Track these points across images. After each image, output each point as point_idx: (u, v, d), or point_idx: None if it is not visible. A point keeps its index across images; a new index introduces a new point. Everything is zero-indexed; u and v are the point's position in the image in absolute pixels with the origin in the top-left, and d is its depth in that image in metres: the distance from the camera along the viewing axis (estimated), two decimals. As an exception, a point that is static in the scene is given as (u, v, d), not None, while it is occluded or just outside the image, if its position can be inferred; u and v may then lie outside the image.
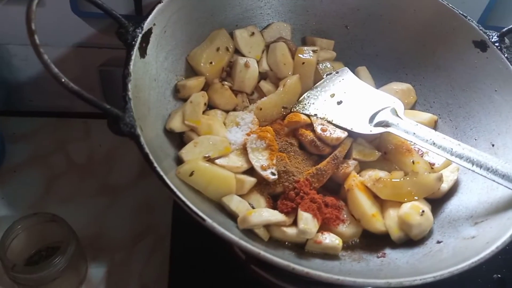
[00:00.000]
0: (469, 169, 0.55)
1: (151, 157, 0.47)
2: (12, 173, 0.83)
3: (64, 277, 0.67)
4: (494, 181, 0.54)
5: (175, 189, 0.46)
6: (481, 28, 0.67)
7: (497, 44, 0.66)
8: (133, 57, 0.54)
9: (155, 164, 0.47)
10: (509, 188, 0.53)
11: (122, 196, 0.83)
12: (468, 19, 0.68)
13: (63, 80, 0.43)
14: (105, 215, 0.80)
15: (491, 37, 0.66)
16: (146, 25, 0.57)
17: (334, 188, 0.64)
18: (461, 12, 0.69)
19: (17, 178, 0.82)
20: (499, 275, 0.72)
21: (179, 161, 0.59)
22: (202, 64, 0.67)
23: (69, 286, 0.70)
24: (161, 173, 0.46)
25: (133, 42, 0.55)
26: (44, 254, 0.72)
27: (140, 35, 0.56)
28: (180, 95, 0.65)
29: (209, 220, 0.45)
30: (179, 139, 0.63)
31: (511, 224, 0.50)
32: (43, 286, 0.66)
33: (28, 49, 0.82)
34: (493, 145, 0.64)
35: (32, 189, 0.81)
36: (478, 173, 0.55)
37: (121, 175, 0.86)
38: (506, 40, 0.66)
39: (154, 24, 0.58)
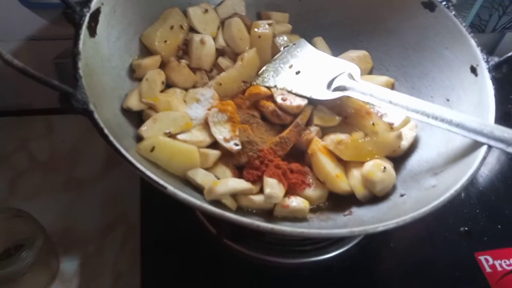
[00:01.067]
0: (426, 122, 0.57)
1: (106, 131, 0.46)
2: (-27, 175, 0.81)
3: (34, 272, 0.65)
4: (450, 130, 0.55)
5: (134, 161, 0.46)
6: (428, -12, 0.69)
7: (444, 3, 0.67)
8: (81, 36, 0.53)
9: (111, 138, 0.46)
10: (464, 136, 0.55)
11: (89, 189, 0.81)
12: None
13: (5, 56, 0.42)
14: (73, 209, 0.79)
15: (438, -4, 0.68)
16: (94, 5, 0.56)
17: (299, 155, 0.65)
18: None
19: (-21, 179, 0.80)
20: (465, 228, 0.74)
21: (140, 139, 0.58)
22: (156, 43, 0.66)
23: (40, 281, 0.69)
24: (118, 145, 0.46)
25: (81, 22, 0.54)
26: (13, 252, 0.70)
27: (88, 14, 0.55)
28: (136, 75, 0.64)
29: (170, 188, 0.45)
30: (138, 119, 0.62)
31: (467, 169, 0.52)
32: (12, 282, 0.64)
33: (-22, 46, 0.80)
34: (448, 100, 0.65)
35: (-5, 188, 0.79)
36: (435, 125, 0.56)
37: (87, 168, 0.84)
38: (453, -1, 0.68)
39: (102, 4, 0.58)
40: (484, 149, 0.53)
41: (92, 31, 0.55)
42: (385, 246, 0.71)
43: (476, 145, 0.55)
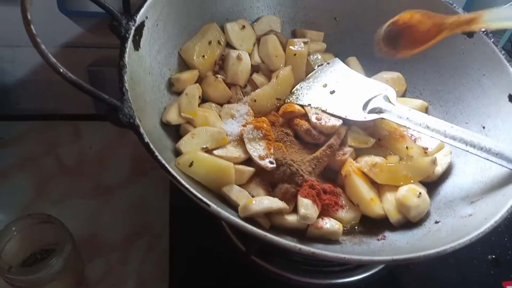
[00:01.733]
0: (463, 150, 0.57)
1: (151, 146, 0.47)
2: (2, 178, 0.81)
3: (61, 278, 0.65)
4: (488, 159, 0.55)
5: (178, 177, 0.46)
6: (466, 14, 0.69)
7: (483, 29, 0.67)
8: (127, 49, 0.53)
9: (157, 153, 0.46)
10: (503, 166, 0.54)
11: (116, 196, 0.82)
12: (454, 6, 0.69)
13: (61, 70, 0.43)
14: (99, 216, 0.79)
15: None
16: (139, 18, 0.57)
17: (331, 176, 0.65)
18: (446, 0, 0.70)
19: (8, 182, 0.81)
20: (493, 256, 0.73)
21: (177, 153, 0.59)
22: (194, 58, 0.67)
23: (66, 287, 0.69)
24: (163, 161, 0.46)
25: (127, 35, 0.55)
26: (39, 257, 0.71)
27: (134, 28, 0.56)
28: (174, 89, 0.65)
29: (214, 206, 0.45)
30: (175, 132, 0.63)
31: (507, 200, 0.51)
32: (40, 288, 0.65)
33: (15, 51, 0.82)
34: (484, 128, 0.65)
35: (23, 193, 0.80)
36: (472, 153, 0.56)
37: (114, 175, 0.85)
38: (492, 26, 0.68)
39: (147, 17, 0.58)
40: (523, 180, 0.53)
41: (136, 45, 0.56)
42: (412, 271, 0.71)
43: (514, 175, 0.54)
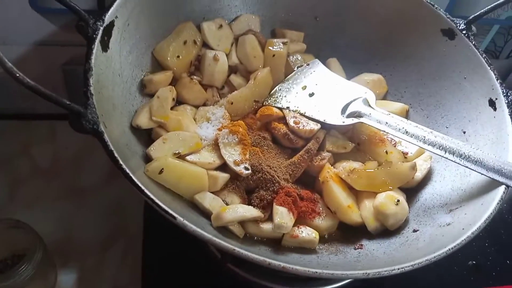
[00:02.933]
0: (442, 156, 0.55)
1: (116, 154, 0.45)
2: (-27, 179, 0.79)
3: (32, 285, 0.64)
4: (467, 167, 0.54)
5: (143, 187, 0.44)
6: (448, 16, 0.67)
7: (464, 32, 0.66)
8: (94, 51, 0.51)
9: (121, 162, 0.44)
10: (481, 174, 0.53)
11: (91, 199, 0.80)
12: (436, 8, 0.68)
13: (17, 75, 0.40)
14: (73, 219, 0.77)
15: (458, 25, 0.66)
16: (108, 18, 0.55)
17: (309, 181, 0.63)
18: (428, 1, 0.69)
19: (-21, 184, 0.79)
20: (473, 262, 0.73)
21: (148, 159, 0.56)
22: (169, 58, 0.65)
23: (38, 294, 0.67)
24: (127, 170, 0.44)
25: (94, 35, 0.52)
26: (9, 263, 0.69)
27: (102, 28, 0.53)
28: (146, 91, 0.63)
29: (180, 218, 0.43)
30: (147, 136, 0.61)
31: (485, 210, 0.50)
32: (9, 297, 0.63)
33: (-15, 49, 0.79)
34: (464, 132, 0.64)
35: (-4, 193, 0.78)
36: (451, 160, 0.55)
37: (89, 177, 0.83)
38: (473, 28, 0.67)
39: (116, 17, 0.56)
40: (502, 189, 0.52)
41: (105, 45, 0.54)
42: (390, 277, 0.70)
43: (493, 184, 0.53)
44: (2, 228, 0.65)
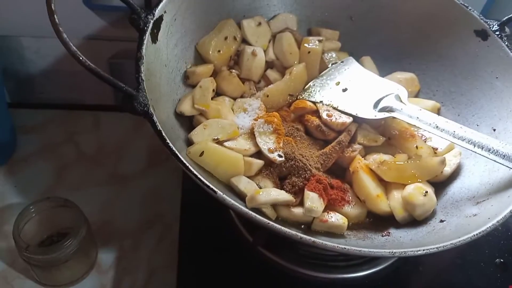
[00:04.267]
0: (471, 151, 0.57)
1: (164, 134, 0.49)
2: (24, 163, 0.85)
3: (75, 260, 0.68)
4: (495, 161, 0.55)
5: (187, 163, 0.48)
6: (482, 17, 0.69)
7: (497, 33, 0.67)
8: (145, 42, 0.56)
9: (168, 140, 0.48)
10: (510, 168, 0.55)
11: (131, 185, 0.84)
12: (469, 9, 0.70)
13: (81, 58, 0.45)
14: (114, 203, 0.82)
15: (491, 26, 0.68)
16: (158, 12, 0.59)
17: (340, 172, 0.66)
18: (462, 2, 0.70)
19: (28, 167, 0.84)
20: (501, 260, 0.73)
21: (189, 143, 0.60)
22: (210, 52, 0.69)
23: (79, 269, 0.72)
24: (174, 148, 0.48)
25: (145, 28, 0.57)
26: (55, 239, 0.74)
27: (152, 21, 0.58)
28: (189, 82, 0.67)
29: (220, 193, 0.46)
30: (188, 123, 0.65)
31: (510, 202, 0.51)
32: (54, 268, 0.67)
33: (40, 42, 0.85)
34: (494, 130, 0.65)
35: (43, 178, 0.83)
36: (480, 154, 0.56)
37: (130, 165, 0.87)
38: (507, 29, 0.68)
39: (165, 12, 0.61)
40: (529, 182, 0.53)
41: (154, 38, 0.58)
42: (418, 270, 0.71)
43: (521, 178, 0.55)
44: (51, 206, 0.70)
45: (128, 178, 0.85)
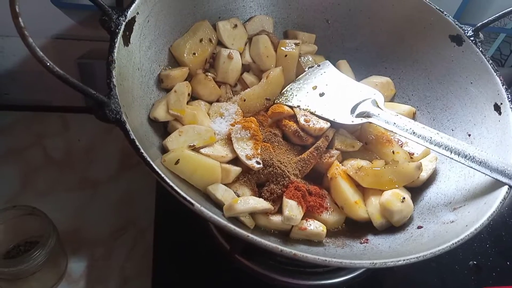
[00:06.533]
0: (448, 157, 0.57)
1: (137, 143, 0.47)
2: (-13, 168, 0.81)
3: (44, 271, 0.65)
4: (471, 167, 0.56)
5: (162, 175, 0.46)
6: (457, 23, 0.70)
7: (472, 39, 0.68)
8: (117, 45, 0.53)
9: (142, 150, 0.46)
10: (485, 174, 0.55)
11: (102, 190, 0.82)
12: (445, 14, 0.70)
13: (48, 64, 0.42)
14: (85, 209, 0.79)
15: (466, 31, 0.69)
16: (130, 14, 0.57)
17: (317, 178, 0.65)
18: (437, 8, 0.71)
19: (-6, 172, 0.81)
20: (474, 262, 0.74)
21: (164, 150, 0.58)
22: (185, 55, 0.67)
23: (48, 280, 0.69)
24: (148, 159, 0.46)
25: (117, 30, 0.54)
26: (22, 249, 0.71)
27: (124, 23, 0.55)
28: (163, 85, 0.65)
29: (197, 205, 0.45)
30: (163, 129, 0.63)
31: (487, 208, 0.52)
32: (21, 281, 0.64)
33: (4, 41, 0.81)
34: (469, 135, 0.66)
35: (8, 183, 0.79)
36: (456, 161, 0.57)
37: (101, 169, 0.85)
38: (481, 35, 0.69)
39: (138, 13, 0.58)
40: (505, 189, 0.54)
41: (126, 40, 0.56)
42: (394, 274, 0.72)
43: (496, 184, 0.55)
44: (17, 214, 0.67)
45: (99, 182, 0.83)
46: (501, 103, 0.63)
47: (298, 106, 0.69)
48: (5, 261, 0.65)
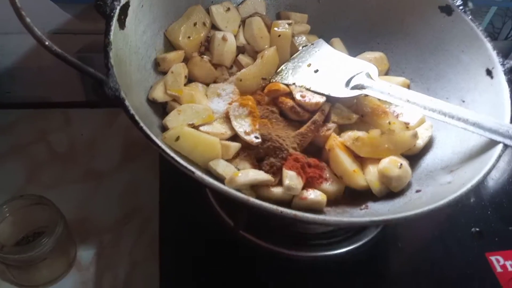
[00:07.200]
0: (443, 121, 0.58)
1: (137, 117, 0.48)
2: (-8, 165, 0.82)
3: (53, 258, 0.67)
4: (466, 129, 0.57)
5: (163, 146, 0.47)
6: (445, -7, 0.71)
7: (461, 8, 0.69)
8: (112, 27, 0.54)
9: (141, 124, 0.48)
10: (480, 135, 0.56)
11: (107, 181, 0.83)
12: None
13: (46, 43, 0.44)
14: (91, 200, 0.81)
15: (455, 1, 0.70)
16: (123, -2, 0.58)
17: (316, 152, 0.66)
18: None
19: (-1, 169, 0.82)
20: (477, 229, 0.75)
21: (164, 129, 0.60)
22: (180, 39, 0.68)
23: (58, 268, 0.70)
24: (148, 132, 0.47)
25: (112, 14, 0.56)
26: (31, 239, 0.72)
27: (119, 7, 0.57)
28: (160, 68, 0.66)
29: (198, 172, 0.46)
30: (162, 110, 0.64)
31: (483, 166, 0.53)
32: (32, 267, 0.66)
33: (3, 39, 0.83)
34: (463, 101, 0.67)
35: (14, 179, 0.81)
36: (451, 124, 0.58)
37: (105, 160, 0.86)
38: (470, 3, 0.70)
39: (131, -2, 0.60)
40: (500, 147, 0.55)
41: (122, 24, 0.57)
42: (397, 244, 0.73)
43: (491, 144, 0.56)
44: (26, 204, 0.68)
45: (103, 173, 0.84)
46: (493, 68, 0.64)
47: (294, 84, 0.70)
48: (15, 248, 0.66)
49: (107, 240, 0.76)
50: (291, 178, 0.57)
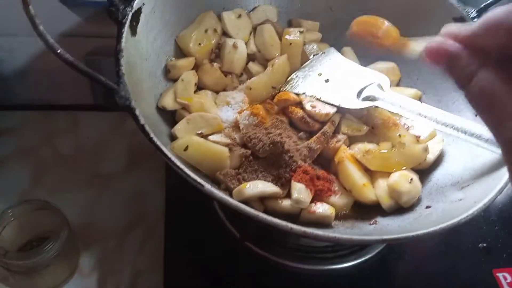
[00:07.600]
0: (455, 136, 0.57)
1: (147, 128, 0.47)
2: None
3: (56, 264, 0.66)
4: (478, 145, 0.56)
5: (172, 158, 0.46)
6: (459, 5, 0.70)
7: (475, 20, 0.68)
8: (124, 34, 0.54)
9: (152, 135, 0.47)
10: (493, 151, 0.55)
11: (112, 186, 0.82)
12: (448, -5, 0.70)
13: (58, 51, 0.44)
14: (95, 205, 0.80)
15: (470, 13, 0.69)
16: (136, 4, 0.58)
17: (325, 163, 0.66)
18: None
19: (5, 171, 0.81)
20: (484, 244, 0.74)
21: (173, 138, 0.59)
22: (191, 45, 0.67)
23: (61, 274, 0.70)
24: (158, 143, 0.47)
25: (124, 20, 0.55)
26: (35, 244, 0.71)
27: (131, 13, 0.56)
28: (170, 76, 0.66)
29: (207, 186, 0.45)
30: (171, 118, 0.64)
31: (496, 184, 0.52)
32: (35, 273, 0.65)
33: (13, 41, 0.82)
34: (476, 115, 0.66)
35: (20, 182, 0.80)
36: (463, 139, 0.57)
37: (111, 165, 0.85)
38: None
39: (144, 4, 0.59)
40: (513, 165, 0.54)
41: (133, 30, 0.57)
42: (404, 258, 0.72)
43: (503, 161, 0.55)
44: (31, 209, 0.67)
45: (109, 178, 0.83)
46: (507, 83, 0.63)
47: (304, 93, 0.69)
48: (19, 254, 0.66)
49: (111, 246, 0.75)
50: (299, 191, 0.56)
